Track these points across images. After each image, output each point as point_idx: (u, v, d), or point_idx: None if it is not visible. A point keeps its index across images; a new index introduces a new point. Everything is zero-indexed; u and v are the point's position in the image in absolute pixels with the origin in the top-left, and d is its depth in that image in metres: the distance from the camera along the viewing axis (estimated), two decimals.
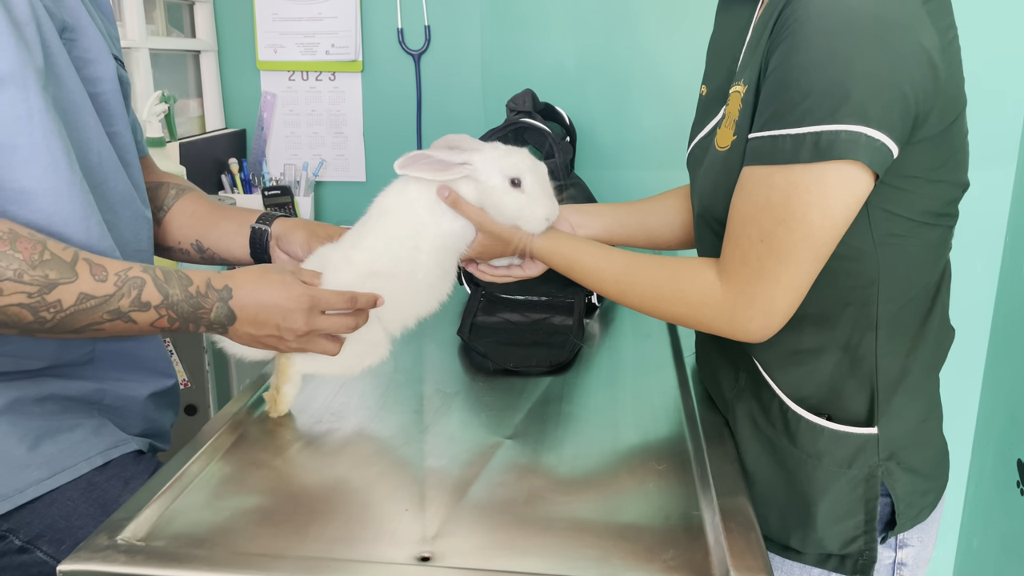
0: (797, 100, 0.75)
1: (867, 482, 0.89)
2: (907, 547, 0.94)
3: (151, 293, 0.82)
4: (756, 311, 0.82)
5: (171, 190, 1.14)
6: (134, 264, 0.83)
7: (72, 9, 0.90)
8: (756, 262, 0.80)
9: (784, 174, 0.77)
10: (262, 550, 0.74)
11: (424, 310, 1.01)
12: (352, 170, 2.16)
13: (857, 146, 0.73)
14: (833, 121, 0.73)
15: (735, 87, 0.87)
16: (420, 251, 0.98)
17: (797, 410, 0.90)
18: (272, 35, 2.09)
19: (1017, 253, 1.88)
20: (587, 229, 1.08)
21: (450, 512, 0.81)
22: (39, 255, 0.76)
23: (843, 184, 0.76)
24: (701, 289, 0.86)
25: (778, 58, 0.77)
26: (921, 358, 0.90)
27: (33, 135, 0.80)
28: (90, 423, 0.95)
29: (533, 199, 0.97)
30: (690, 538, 0.77)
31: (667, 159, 2.02)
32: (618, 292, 0.93)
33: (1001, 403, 1.92)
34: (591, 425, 1.01)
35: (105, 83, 0.94)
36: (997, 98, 1.85)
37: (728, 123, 0.87)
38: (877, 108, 0.73)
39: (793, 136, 0.75)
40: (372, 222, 0.99)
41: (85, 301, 0.79)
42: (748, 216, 0.80)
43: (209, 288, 0.86)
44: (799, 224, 0.77)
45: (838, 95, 0.73)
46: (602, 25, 1.98)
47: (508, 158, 0.97)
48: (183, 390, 1.62)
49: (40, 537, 0.89)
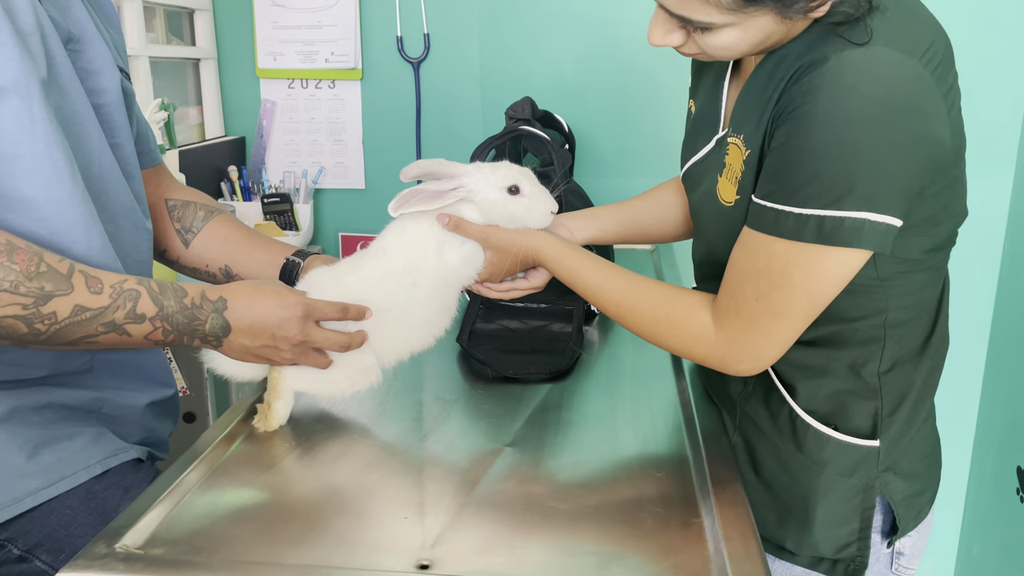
0: (801, 183, 0.74)
1: (865, 492, 0.91)
2: (904, 536, 0.95)
3: (146, 305, 0.82)
4: (745, 356, 0.84)
5: (199, 211, 1.14)
6: (129, 276, 0.83)
7: (78, 20, 0.90)
8: (750, 317, 0.82)
9: (785, 246, 0.77)
10: (261, 558, 0.74)
11: (419, 345, 1.03)
12: (351, 177, 2.16)
13: (861, 233, 0.73)
14: (837, 208, 0.73)
15: (733, 139, 0.86)
16: (418, 287, 0.99)
17: (806, 418, 0.91)
18: (272, 43, 2.09)
19: (1016, 261, 1.88)
20: (584, 232, 1.09)
21: (449, 519, 0.81)
22: (35, 267, 0.76)
23: (844, 261, 0.76)
24: (696, 330, 0.87)
25: (783, 135, 0.76)
26: (924, 370, 0.91)
27: (36, 144, 0.81)
28: (89, 432, 0.95)
29: (534, 198, 1.01)
30: (689, 545, 0.77)
31: (665, 166, 2.02)
32: (617, 314, 0.95)
33: (1000, 410, 1.92)
34: (590, 432, 1.01)
35: (109, 94, 0.94)
36: (995, 106, 1.85)
37: (730, 176, 0.87)
38: (882, 196, 0.73)
39: (796, 215, 0.75)
40: (369, 257, 1.00)
41: (80, 313, 0.79)
42: (746, 275, 0.81)
43: (204, 300, 0.86)
44: (795, 290, 0.78)
45: (843, 185, 0.72)
46: (601, 33, 1.98)
47: (498, 172, 1.00)
48: (182, 398, 1.62)
49: (39, 546, 0.89)
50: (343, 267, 1.01)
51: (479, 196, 0.99)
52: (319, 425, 1.02)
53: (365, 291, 0.97)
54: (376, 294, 0.98)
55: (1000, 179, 1.90)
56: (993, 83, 1.84)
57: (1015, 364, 1.86)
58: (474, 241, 1.00)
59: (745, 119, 0.84)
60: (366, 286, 0.98)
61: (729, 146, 0.87)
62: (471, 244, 1.01)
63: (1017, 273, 1.87)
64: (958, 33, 1.20)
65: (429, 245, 0.99)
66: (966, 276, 1.95)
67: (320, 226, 2.21)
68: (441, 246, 1.00)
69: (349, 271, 1.00)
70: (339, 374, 0.98)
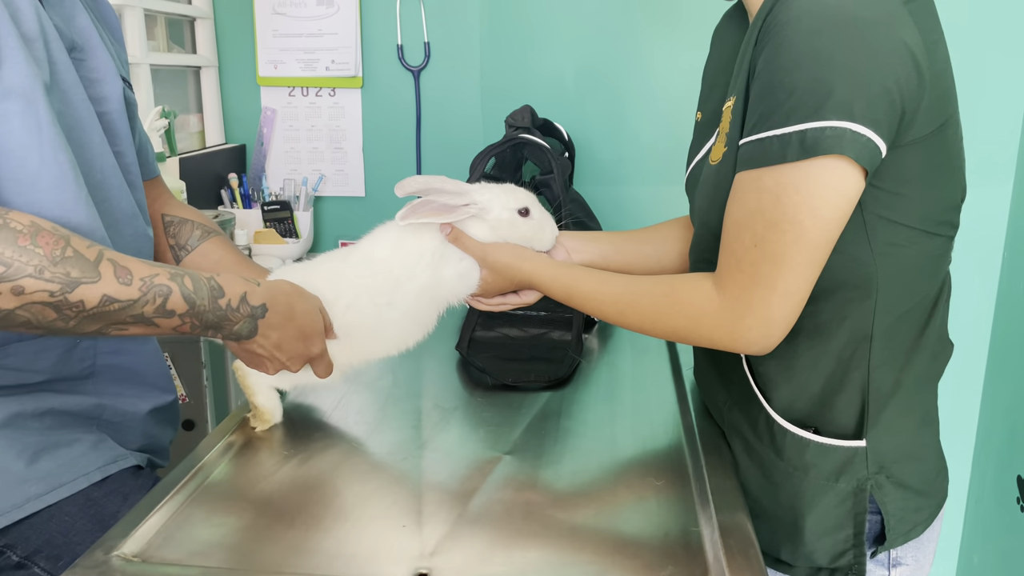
0: (782, 100, 0.75)
1: (855, 496, 0.89)
2: (901, 566, 0.94)
3: (177, 302, 0.81)
4: (755, 319, 0.81)
5: (196, 230, 1.14)
6: (160, 269, 0.81)
7: (83, 30, 0.90)
8: (751, 268, 0.80)
9: (773, 175, 0.77)
10: (259, 566, 0.74)
11: (379, 355, 1.04)
12: (351, 185, 2.17)
13: (843, 141, 0.73)
14: (818, 118, 0.74)
15: (727, 103, 0.87)
16: (393, 307, 0.99)
17: (783, 423, 0.90)
18: (272, 51, 2.10)
19: (1015, 268, 1.89)
20: (583, 255, 1.09)
21: (448, 528, 0.81)
22: (61, 251, 0.74)
23: (831, 182, 0.75)
24: (698, 300, 0.85)
25: (763, 63, 0.78)
26: (915, 371, 0.89)
27: (43, 148, 0.81)
28: (89, 438, 0.95)
29: (542, 222, 1.03)
30: (689, 555, 0.77)
31: (666, 175, 2.02)
32: (617, 313, 0.93)
33: (1000, 419, 1.92)
34: (590, 440, 1.01)
35: (111, 103, 0.94)
36: (995, 116, 1.86)
37: (721, 138, 0.88)
38: (861, 103, 0.73)
39: (780, 136, 0.76)
40: (350, 268, 1.00)
41: (109, 304, 0.77)
42: (741, 221, 0.80)
43: (243, 303, 0.86)
44: (790, 226, 0.77)
45: (821, 92, 0.73)
46: (601, 41, 1.99)
47: (508, 193, 1.03)
48: (181, 405, 1.62)
49: (38, 553, 0.89)
50: (318, 271, 1.00)
51: (492, 215, 1.00)
52: (318, 433, 1.02)
53: (334, 305, 0.97)
54: (349, 316, 0.98)
55: (999, 188, 1.90)
56: (993, 94, 1.85)
57: (1015, 373, 1.85)
58: (472, 259, 1.01)
59: (736, 78, 0.85)
60: (337, 298, 0.98)
61: (724, 112, 0.88)
62: (469, 260, 1.01)
63: (1016, 282, 1.87)
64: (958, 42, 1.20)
65: (424, 258, 0.99)
66: (966, 285, 1.95)
67: (320, 234, 2.21)
68: (439, 259, 1.00)
69: (323, 277, 0.99)
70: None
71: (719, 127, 0.89)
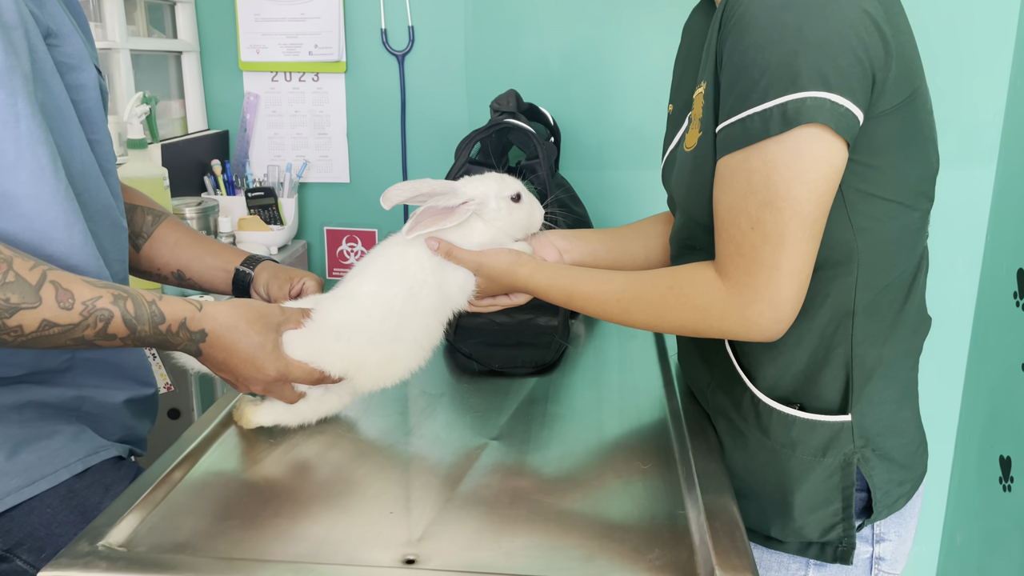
0: (757, 77, 0.75)
1: (843, 470, 0.90)
2: (885, 541, 0.95)
3: (118, 326, 0.80)
4: (763, 303, 0.80)
5: (147, 215, 1.13)
6: (104, 290, 0.80)
7: (55, 15, 0.88)
8: (751, 251, 0.79)
9: (760, 154, 0.77)
10: (245, 554, 0.74)
11: (393, 382, 1.00)
12: (336, 171, 2.15)
13: (823, 110, 0.74)
14: (796, 89, 0.74)
15: (698, 90, 0.87)
16: (399, 341, 0.96)
17: (768, 402, 0.91)
18: (254, 35, 2.07)
19: (998, 251, 1.90)
20: (573, 254, 1.08)
21: (435, 514, 0.81)
22: (2, 275, 0.74)
23: (817, 152, 0.76)
24: (704, 289, 0.84)
25: (731, 45, 0.78)
26: (897, 345, 0.90)
27: (19, 141, 0.79)
28: (69, 430, 0.94)
29: (532, 204, 1.04)
30: (675, 538, 0.77)
31: (650, 159, 2.02)
32: (621, 311, 0.91)
33: (983, 399, 1.94)
34: (576, 425, 1.01)
35: (88, 90, 0.92)
36: (977, 96, 1.87)
37: (694, 124, 0.88)
38: (835, 73, 0.74)
39: (760, 113, 0.76)
40: (353, 305, 0.96)
41: (48, 328, 0.76)
42: (734, 206, 0.80)
43: (183, 328, 0.85)
44: (785, 203, 0.77)
45: (795, 64, 0.74)
46: (586, 26, 1.98)
47: (498, 183, 1.01)
48: (167, 394, 1.60)
49: (20, 545, 0.88)
50: (328, 320, 0.95)
51: (489, 208, 0.99)
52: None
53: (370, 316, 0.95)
54: (354, 357, 0.95)
55: (982, 171, 1.91)
56: (975, 78, 1.85)
57: (997, 353, 1.87)
58: (466, 269, 0.99)
59: (704, 65, 0.85)
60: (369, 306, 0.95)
61: (694, 100, 0.88)
62: (464, 271, 0.99)
63: (999, 265, 1.89)
64: (940, 28, 1.22)
65: (426, 286, 0.97)
66: (949, 266, 1.97)
67: (305, 220, 2.20)
68: (440, 279, 0.98)
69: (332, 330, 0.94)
70: (306, 406, 0.97)
71: (691, 113, 0.89)
